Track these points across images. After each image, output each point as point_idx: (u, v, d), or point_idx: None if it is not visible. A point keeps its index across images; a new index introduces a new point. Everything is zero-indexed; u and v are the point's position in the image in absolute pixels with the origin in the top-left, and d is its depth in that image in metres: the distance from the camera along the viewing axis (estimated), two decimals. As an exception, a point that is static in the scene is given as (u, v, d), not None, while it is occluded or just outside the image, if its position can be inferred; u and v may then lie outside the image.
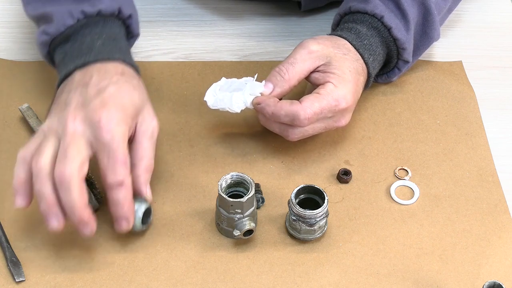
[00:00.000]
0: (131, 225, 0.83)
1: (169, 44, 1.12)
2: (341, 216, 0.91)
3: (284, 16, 1.17)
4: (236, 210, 0.85)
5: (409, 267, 0.86)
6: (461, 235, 0.89)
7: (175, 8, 1.17)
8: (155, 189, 0.92)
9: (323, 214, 0.86)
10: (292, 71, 0.92)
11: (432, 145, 0.99)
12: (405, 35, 0.98)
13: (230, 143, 0.98)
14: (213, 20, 1.16)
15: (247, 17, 1.17)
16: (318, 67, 0.93)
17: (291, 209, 0.86)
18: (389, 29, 0.97)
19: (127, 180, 0.81)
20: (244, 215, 0.85)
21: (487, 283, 0.77)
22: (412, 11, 0.98)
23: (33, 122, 0.97)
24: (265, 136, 0.98)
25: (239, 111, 0.93)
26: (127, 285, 0.84)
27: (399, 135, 1.00)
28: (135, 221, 0.84)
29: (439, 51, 1.12)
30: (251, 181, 0.86)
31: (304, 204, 0.87)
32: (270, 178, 0.94)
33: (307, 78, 0.94)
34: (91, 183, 0.89)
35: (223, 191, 0.86)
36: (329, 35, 0.98)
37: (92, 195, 0.88)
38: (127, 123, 0.83)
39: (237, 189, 0.88)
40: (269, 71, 0.94)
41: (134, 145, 0.85)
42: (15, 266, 0.84)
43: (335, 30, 1.01)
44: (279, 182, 0.94)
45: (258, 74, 0.94)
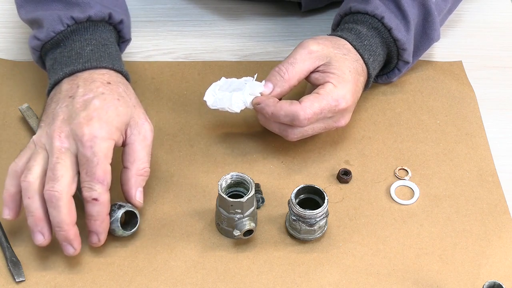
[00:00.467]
0: (102, 241, 0.84)
1: (169, 44, 1.12)
2: (341, 216, 0.91)
3: (284, 16, 1.17)
4: (236, 210, 0.85)
5: (409, 267, 0.86)
6: (461, 235, 0.89)
7: (175, 8, 1.17)
8: (155, 189, 0.92)
9: (323, 214, 0.86)
10: (292, 71, 0.92)
11: (432, 145, 0.99)
12: (405, 36, 0.98)
13: (230, 143, 0.98)
14: (213, 20, 1.16)
15: (247, 17, 1.17)
16: (318, 67, 0.93)
17: (291, 209, 0.86)
18: (390, 30, 0.97)
19: (102, 197, 0.82)
20: (244, 215, 0.85)
21: (487, 283, 0.77)
22: (412, 12, 0.98)
23: (33, 122, 0.97)
24: (265, 136, 0.98)
25: (238, 111, 0.93)
26: (127, 285, 0.84)
27: (399, 135, 1.00)
28: (113, 225, 0.85)
29: (439, 51, 1.12)
30: (251, 181, 0.86)
31: (304, 204, 0.87)
32: (270, 178, 0.94)
33: (307, 78, 0.94)
34: None
35: (223, 191, 0.86)
36: (329, 35, 0.98)
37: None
38: (112, 136, 0.84)
39: (237, 189, 0.88)
40: (269, 71, 0.94)
41: (125, 149, 0.86)
42: (15, 266, 0.84)
43: (335, 30, 1.01)
44: (279, 182, 0.94)
45: (258, 74, 0.94)
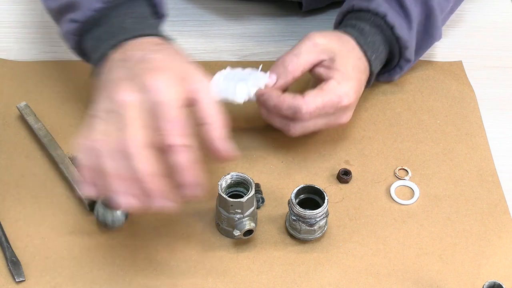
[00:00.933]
0: (199, 191, 0.76)
1: (169, 44, 1.12)
2: (341, 216, 0.91)
3: (284, 16, 1.17)
4: (236, 210, 0.85)
5: (409, 267, 0.86)
6: (461, 235, 0.89)
7: (175, 8, 1.17)
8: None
9: (323, 214, 0.86)
10: (296, 63, 0.92)
11: (432, 145, 0.99)
12: (407, 34, 0.98)
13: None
14: (213, 20, 1.16)
15: (247, 17, 1.17)
16: (322, 62, 0.93)
17: (291, 209, 0.86)
18: (392, 28, 0.97)
19: (184, 141, 0.75)
20: (244, 215, 0.85)
21: (487, 283, 0.77)
22: (415, 10, 0.98)
23: (31, 120, 0.97)
24: (265, 136, 0.98)
25: (242, 102, 0.92)
26: (127, 285, 0.84)
27: (399, 135, 1.00)
28: (115, 214, 0.83)
29: (439, 51, 1.12)
30: (251, 181, 0.86)
31: (304, 204, 0.87)
32: (270, 178, 0.94)
33: (311, 71, 0.94)
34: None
35: (223, 191, 0.86)
36: (334, 30, 0.98)
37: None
38: (178, 83, 0.78)
39: (237, 189, 0.88)
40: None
41: (196, 107, 0.79)
42: (15, 266, 0.84)
43: (338, 28, 1.00)
44: (279, 182, 0.94)
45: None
